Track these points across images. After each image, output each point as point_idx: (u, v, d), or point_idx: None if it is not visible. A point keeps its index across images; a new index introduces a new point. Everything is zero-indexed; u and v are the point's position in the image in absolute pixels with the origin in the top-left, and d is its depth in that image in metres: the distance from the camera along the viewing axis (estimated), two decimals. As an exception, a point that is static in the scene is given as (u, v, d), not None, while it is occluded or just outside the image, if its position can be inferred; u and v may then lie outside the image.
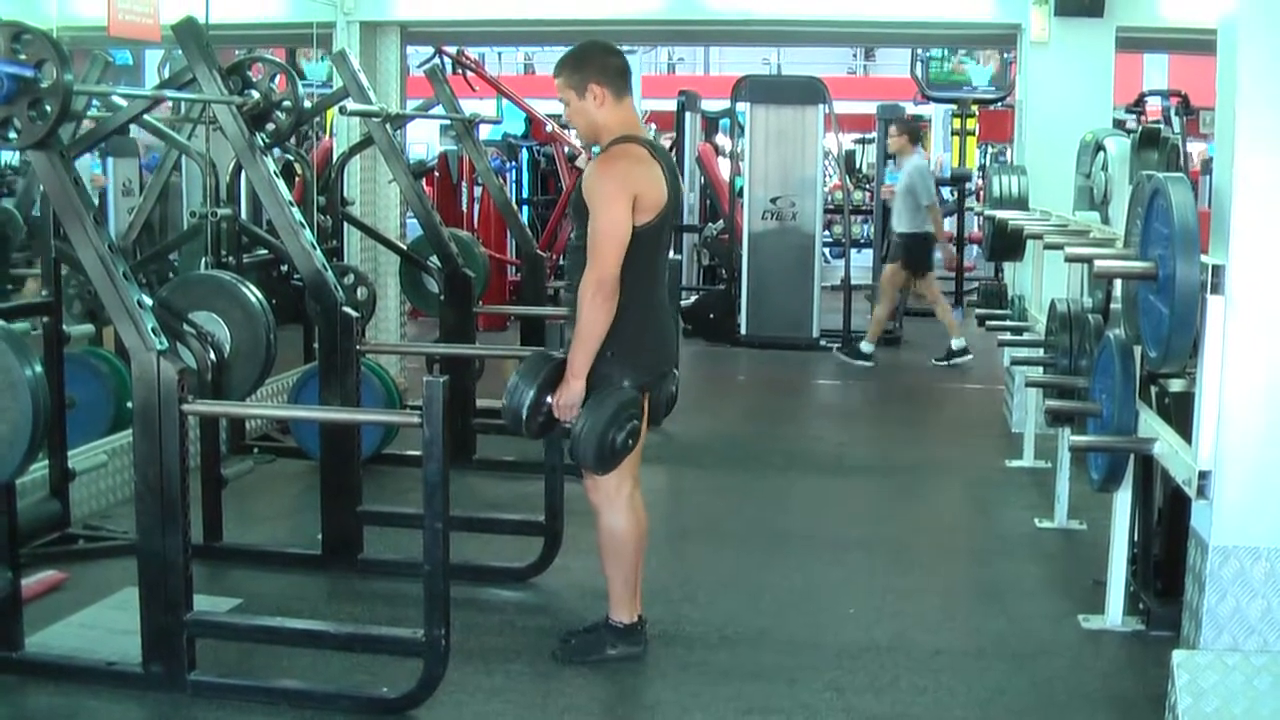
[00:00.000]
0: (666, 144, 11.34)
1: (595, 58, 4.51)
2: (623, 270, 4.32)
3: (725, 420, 9.25)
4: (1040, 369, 5.89)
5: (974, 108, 15.07)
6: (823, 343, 11.90)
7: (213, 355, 5.44)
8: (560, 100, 4.55)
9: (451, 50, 12.72)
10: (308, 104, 6.03)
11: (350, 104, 6.85)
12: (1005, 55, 14.31)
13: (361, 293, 8.12)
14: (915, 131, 11.83)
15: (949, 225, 14.98)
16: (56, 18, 6.52)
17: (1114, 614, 5.03)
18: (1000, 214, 6.97)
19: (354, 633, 4.58)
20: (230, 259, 6.83)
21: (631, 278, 4.36)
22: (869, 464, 7.86)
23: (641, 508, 4.70)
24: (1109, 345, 4.66)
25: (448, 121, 9.15)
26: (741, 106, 12.36)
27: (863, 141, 20.07)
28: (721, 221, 13.07)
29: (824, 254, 13.32)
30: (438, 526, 4.02)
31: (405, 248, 8.56)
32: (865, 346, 11.20)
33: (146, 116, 6.19)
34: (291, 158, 8.85)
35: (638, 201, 4.33)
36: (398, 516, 5.77)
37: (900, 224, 11.28)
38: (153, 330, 4.23)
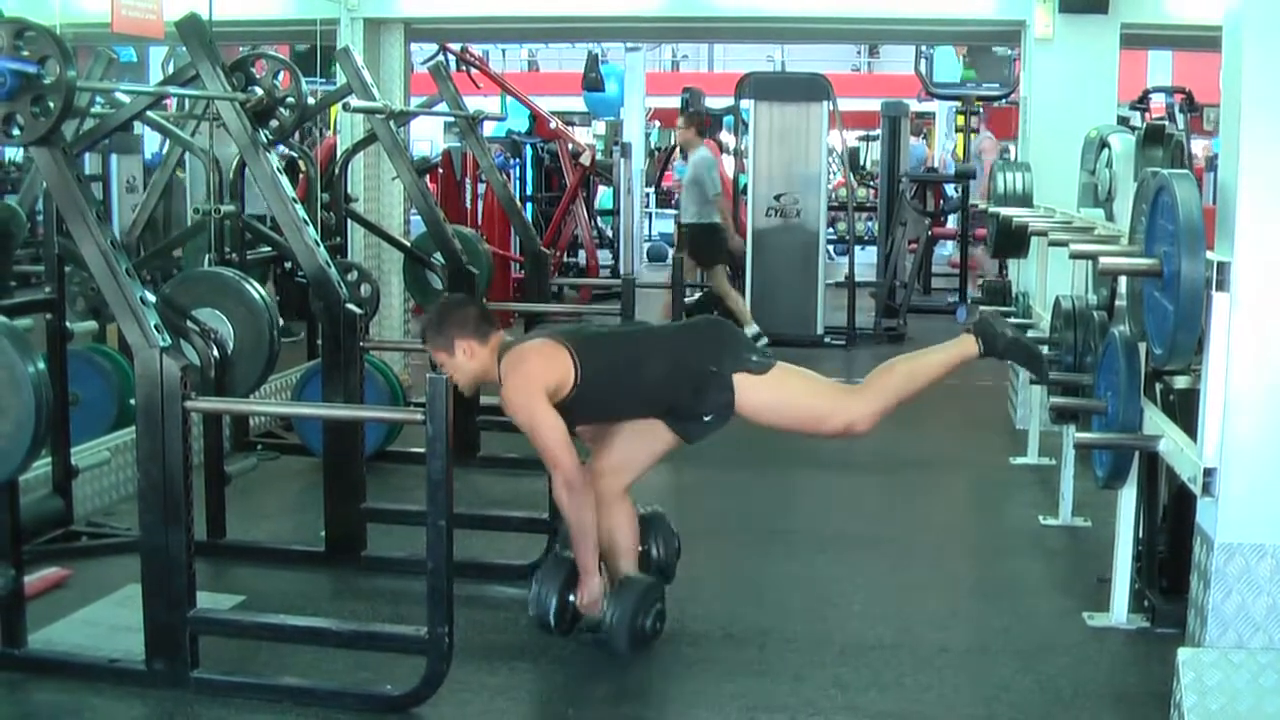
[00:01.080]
0: (671, 142, 11.34)
1: (452, 315, 4.70)
2: (620, 381, 4.65)
3: (729, 417, 9.21)
4: (1045, 366, 5.88)
5: (978, 105, 15.04)
6: (827, 339, 11.88)
7: (216, 352, 5.44)
8: (436, 365, 4.74)
9: (455, 47, 12.74)
10: (311, 100, 6.02)
11: (354, 101, 6.84)
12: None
13: (365, 289, 8.10)
14: (702, 124, 11.99)
15: (953, 223, 15.00)
16: (60, 14, 6.51)
17: (1119, 611, 5.02)
18: (1005, 211, 6.96)
19: (357, 630, 4.57)
20: (234, 255, 6.83)
21: (631, 375, 4.67)
22: (873, 461, 7.84)
23: (623, 522, 4.85)
24: (1114, 342, 4.66)
25: (451, 118, 9.15)
26: (745, 104, 12.35)
27: (867, 138, 20.09)
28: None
29: (828, 251, 13.31)
30: (441, 524, 4.02)
31: (409, 244, 8.56)
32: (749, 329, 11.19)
33: (150, 113, 6.19)
34: (295, 154, 8.85)
35: (555, 387, 4.53)
36: (401, 514, 5.76)
37: (687, 215, 11.53)
38: (155, 327, 4.22)
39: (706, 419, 4.67)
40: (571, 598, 4.67)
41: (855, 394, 4.81)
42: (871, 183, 17.07)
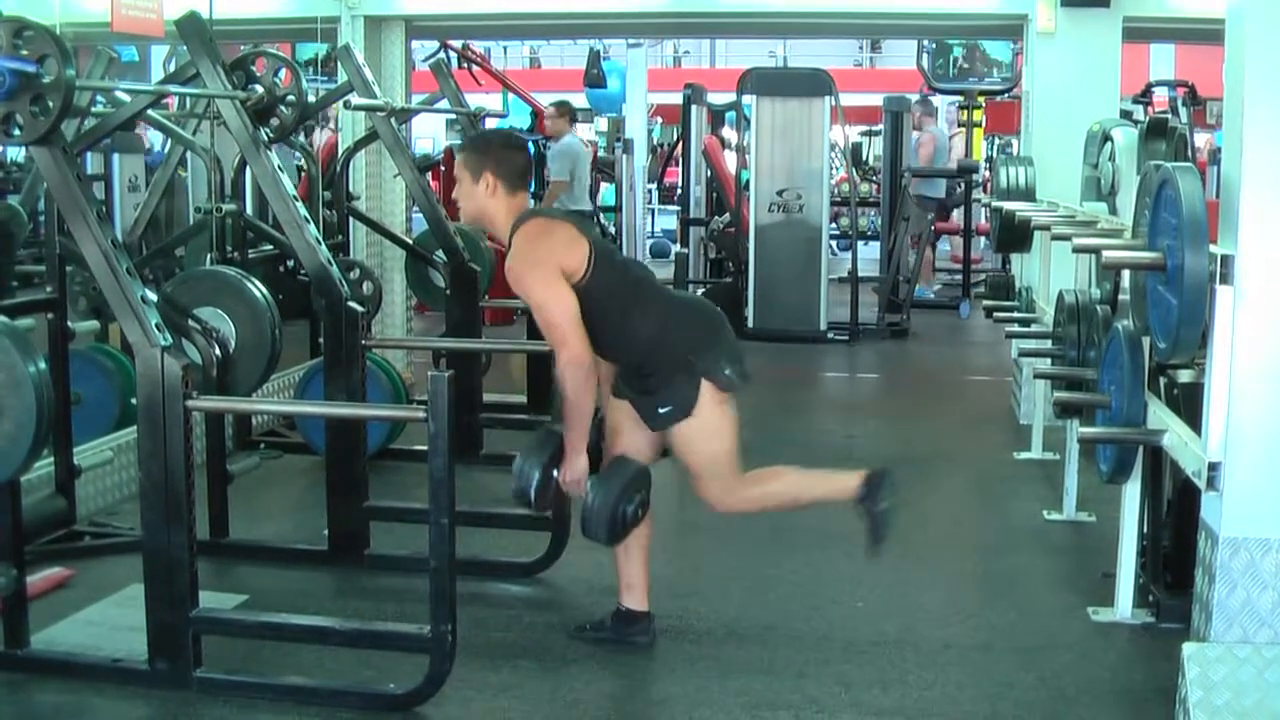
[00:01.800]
0: (673, 138, 11.37)
1: (499, 150, 4.56)
2: (622, 313, 4.45)
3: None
4: (1048, 361, 5.88)
5: (981, 99, 15.03)
6: (830, 335, 11.87)
7: (218, 351, 5.43)
8: (455, 179, 4.62)
9: (457, 44, 12.73)
10: (312, 98, 6.02)
11: (355, 99, 6.83)
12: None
13: (367, 288, 8.08)
14: (573, 112, 12.18)
15: (957, 217, 14.97)
16: (59, 13, 6.51)
17: (1123, 606, 5.01)
18: (1007, 205, 6.95)
19: (360, 629, 4.56)
20: (235, 254, 6.82)
21: (634, 311, 4.48)
22: (877, 456, 7.81)
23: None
24: (1117, 336, 4.65)
25: (453, 115, 9.14)
26: (747, 99, 12.32)
27: (869, 134, 20.05)
28: (728, 214, 13.05)
29: (831, 246, 13.30)
30: (444, 522, 4.01)
31: (411, 242, 8.55)
32: None
33: (151, 112, 6.18)
34: (296, 152, 8.84)
35: (566, 270, 4.38)
36: (404, 512, 5.76)
37: (555, 203, 11.59)
38: (157, 326, 4.22)
39: (662, 410, 4.51)
40: (555, 474, 4.50)
41: (742, 480, 4.67)
42: (874, 177, 17.04)
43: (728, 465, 4.61)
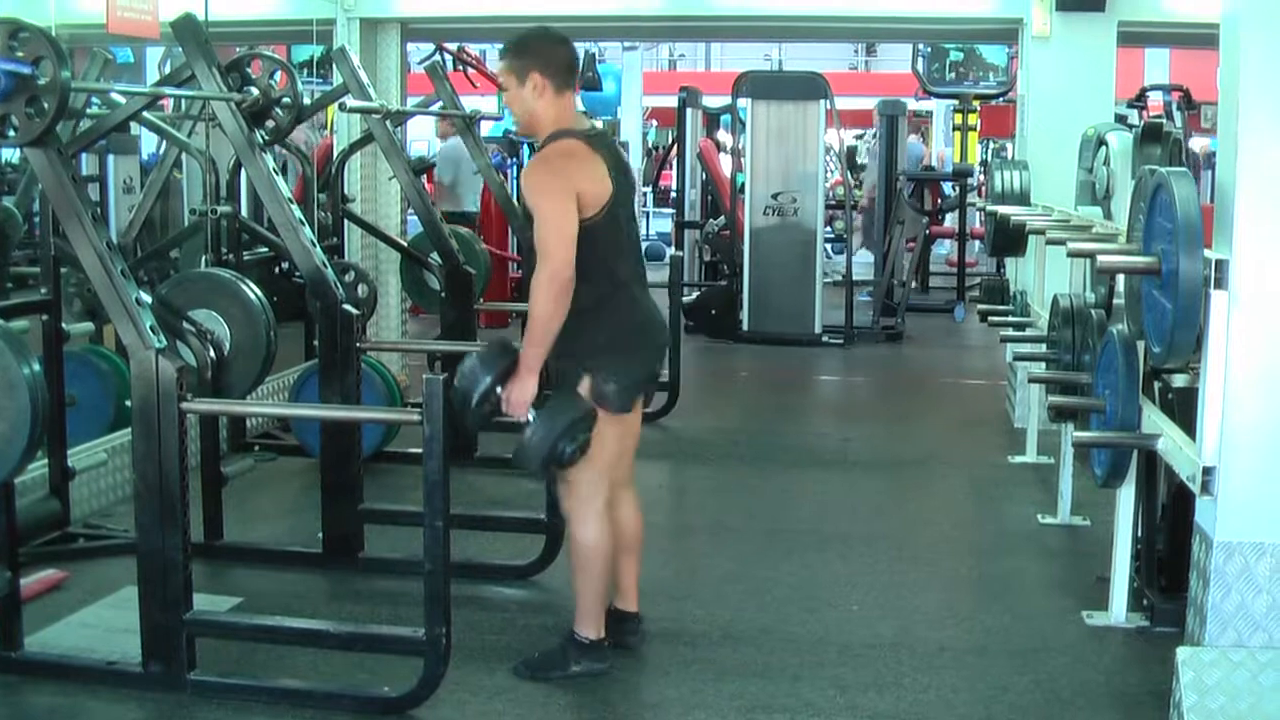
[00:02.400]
0: (668, 140, 11.34)
1: (542, 46, 4.43)
2: (583, 271, 4.22)
3: (728, 416, 9.23)
4: (1043, 365, 5.89)
5: (975, 103, 15.05)
6: (825, 338, 11.88)
7: (212, 353, 5.43)
8: (500, 85, 4.49)
9: (452, 47, 12.71)
10: (307, 100, 6.01)
11: (350, 101, 6.83)
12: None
13: (362, 290, 8.09)
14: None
15: (950, 221, 14.99)
16: (55, 15, 6.50)
17: (1118, 610, 5.01)
18: (1002, 209, 6.96)
19: (355, 632, 4.56)
20: (230, 256, 6.82)
21: (595, 277, 4.29)
22: (872, 460, 7.85)
23: (626, 517, 4.67)
24: (1112, 341, 4.65)
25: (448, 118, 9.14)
26: (743, 102, 12.34)
27: (864, 137, 20.07)
28: (723, 217, 13.06)
29: (825, 250, 13.30)
30: (439, 524, 4.01)
31: (406, 245, 8.55)
32: None
33: (146, 113, 6.17)
34: (291, 154, 8.83)
35: (581, 198, 4.24)
36: (399, 514, 5.75)
37: (441, 204, 11.56)
38: (151, 328, 4.21)
39: (609, 386, 4.36)
40: (500, 390, 4.26)
41: (586, 488, 4.46)
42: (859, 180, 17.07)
43: (596, 470, 4.42)
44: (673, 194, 15.58)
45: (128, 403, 4.35)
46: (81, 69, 6.34)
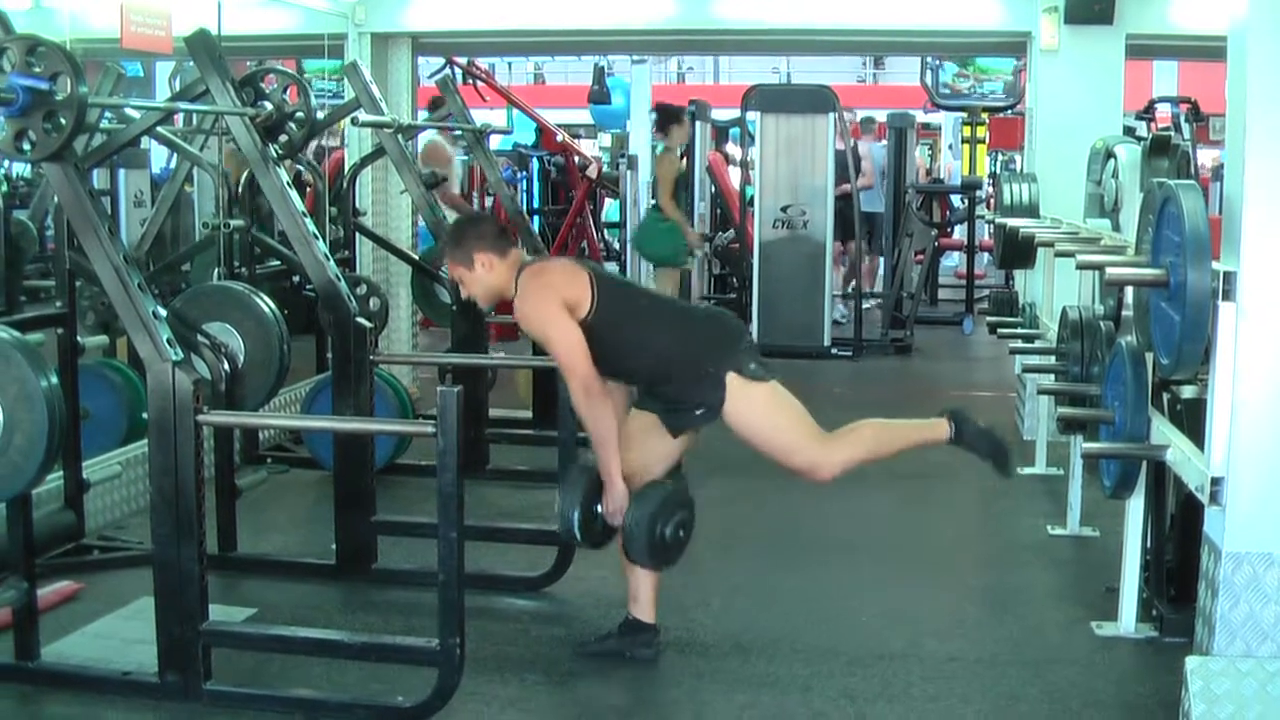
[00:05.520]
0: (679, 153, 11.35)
1: (470, 230, 4.69)
2: (638, 344, 4.56)
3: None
4: (1052, 376, 5.90)
5: (984, 115, 15.07)
6: (834, 351, 11.89)
7: (226, 366, 5.46)
8: (455, 280, 4.73)
9: (462, 61, 12.76)
10: (320, 115, 6.05)
11: (362, 115, 6.87)
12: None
13: (374, 303, 8.12)
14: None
15: (959, 233, 14.99)
16: (70, 30, 6.55)
17: (1127, 621, 5.03)
18: (1011, 222, 6.97)
19: (369, 642, 4.57)
20: (243, 270, 6.85)
21: (650, 341, 4.58)
22: (880, 471, 7.74)
23: None
24: (1120, 352, 4.67)
25: (459, 132, 9.18)
26: (751, 115, 12.34)
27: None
28: (732, 230, 13.08)
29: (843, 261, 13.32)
30: (452, 536, 4.03)
31: (417, 258, 8.58)
32: None
33: (159, 128, 6.21)
34: (303, 168, 8.87)
35: (572, 303, 4.48)
36: (412, 526, 5.78)
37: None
38: (168, 341, 4.24)
39: (698, 412, 4.61)
40: (597, 507, 4.54)
41: (828, 441, 4.77)
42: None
43: (797, 437, 4.70)
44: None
45: (142, 415, 4.38)
46: (94, 84, 6.37)
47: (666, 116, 11.05)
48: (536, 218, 15.02)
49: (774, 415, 4.66)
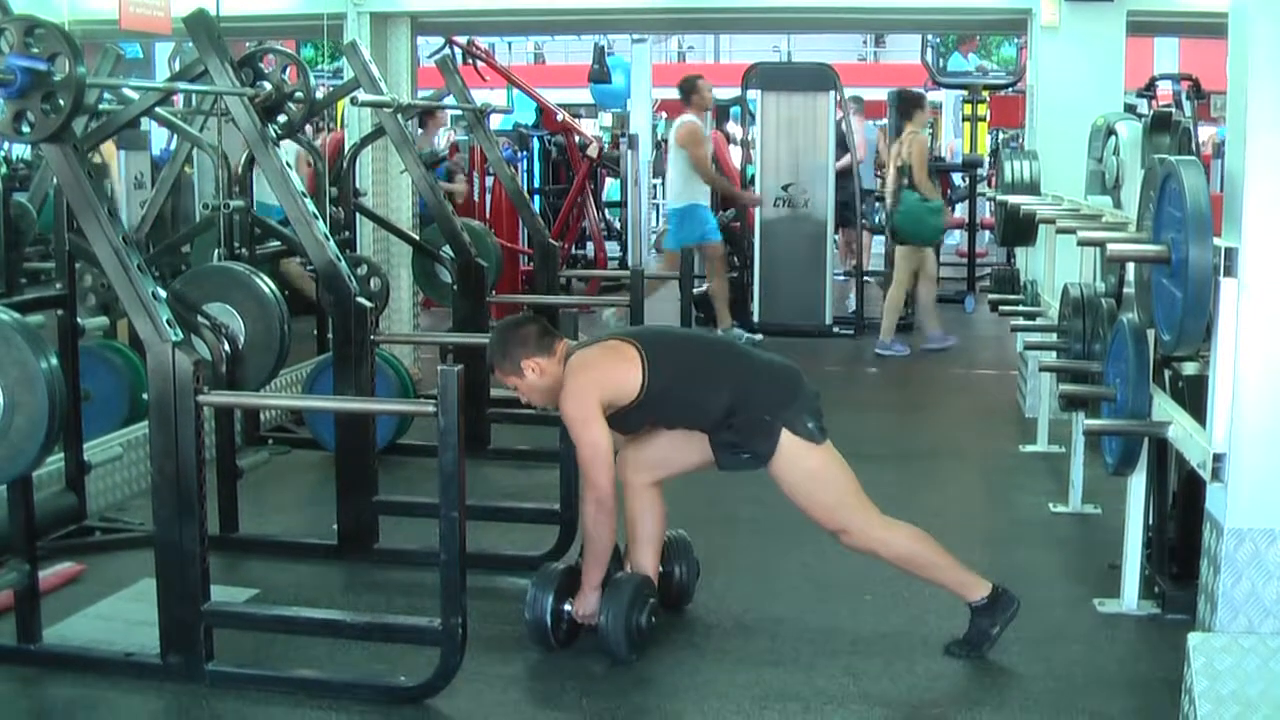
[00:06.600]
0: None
1: (512, 337, 4.63)
2: (679, 401, 4.60)
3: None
4: (1053, 354, 5.89)
5: (985, 93, 15.04)
6: (835, 330, 11.88)
7: (227, 346, 5.46)
8: (511, 388, 4.71)
9: (462, 40, 12.74)
10: (319, 95, 6.04)
11: (362, 95, 6.85)
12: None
13: (375, 283, 8.13)
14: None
15: (960, 211, 14.97)
16: (68, 11, 6.53)
17: (1129, 598, 5.03)
18: (1012, 199, 6.96)
19: (371, 622, 4.58)
20: (243, 251, 6.84)
21: (689, 397, 4.60)
22: (883, 450, 7.84)
23: (655, 507, 4.87)
24: (1122, 329, 4.66)
25: (459, 111, 9.17)
26: (752, 94, 12.32)
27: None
28: (733, 209, 13.06)
29: (836, 241, 13.29)
30: (454, 516, 4.03)
31: (418, 238, 8.57)
32: None
33: (158, 109, 6.20)
34: (304, 148, 8.86)
35: (615, 394, 4.51)
36: (413, 506, 5.79)
37: None
38: (168, 322, 4.24)
39: (745, 456, 4.62)
40: (567, 607, 4.64)
41: (873, 515, 4.71)
42: (879, 173, 17.05)
43: (838, 504, 4.67)
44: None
45: (143, 396, 4.38)
46: (93, 65, 6.36)
47: (908, 102, 11.05)
48: (537, 197, 15.02)
49: (817, 486, 4.66)
